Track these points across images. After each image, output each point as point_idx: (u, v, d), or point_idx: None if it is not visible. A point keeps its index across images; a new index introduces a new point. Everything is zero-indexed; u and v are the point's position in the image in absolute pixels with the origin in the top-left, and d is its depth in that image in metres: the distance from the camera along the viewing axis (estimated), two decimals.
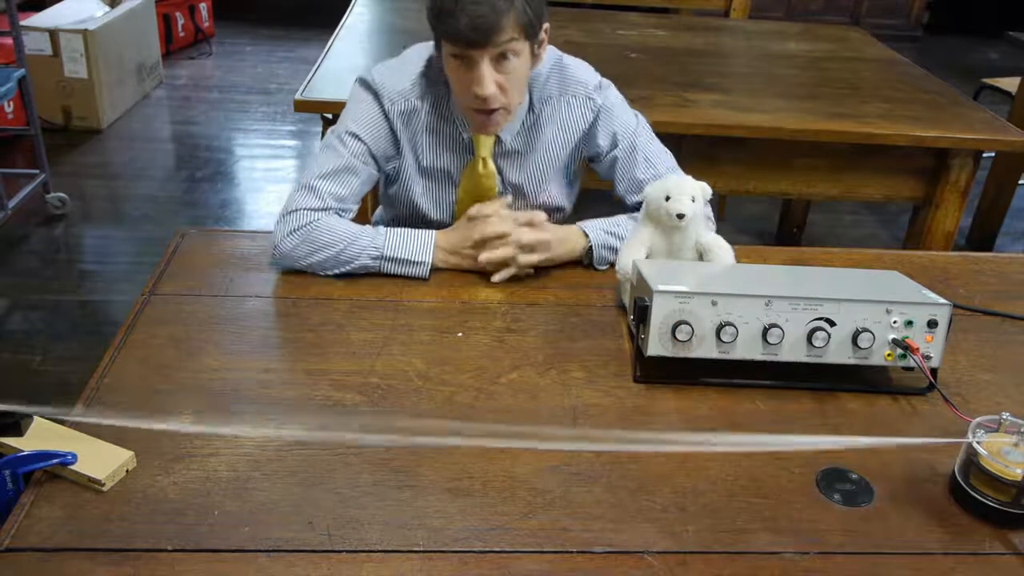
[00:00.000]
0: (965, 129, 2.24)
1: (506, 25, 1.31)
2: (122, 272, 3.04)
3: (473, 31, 1.30)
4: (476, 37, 1.31)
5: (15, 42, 3.14)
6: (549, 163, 1.56)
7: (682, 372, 1.24)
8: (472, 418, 1.15)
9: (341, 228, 1.44)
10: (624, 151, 1.55)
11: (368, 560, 0.92)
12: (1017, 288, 1.59)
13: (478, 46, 1.32)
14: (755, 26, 3.29)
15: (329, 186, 1.46)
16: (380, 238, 1.45)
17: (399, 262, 1.45)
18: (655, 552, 0.96)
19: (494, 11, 1.29)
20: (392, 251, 1.44)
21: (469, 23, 1.29)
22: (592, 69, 1.57)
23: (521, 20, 1.33)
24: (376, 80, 1.48)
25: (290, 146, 4.18)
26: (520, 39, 1.35)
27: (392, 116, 1.48)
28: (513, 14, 1.31)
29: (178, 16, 5.15)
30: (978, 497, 1.03)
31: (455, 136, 1.52)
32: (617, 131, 1.55)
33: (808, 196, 2.48)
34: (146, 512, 0.96)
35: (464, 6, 1.29)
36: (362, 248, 1.43)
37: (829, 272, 1.43)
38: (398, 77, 1.49)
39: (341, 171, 1.47)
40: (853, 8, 6.43)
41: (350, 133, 1.48)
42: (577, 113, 1.53)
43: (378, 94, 1.48)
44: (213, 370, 1.21)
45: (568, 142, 1.55)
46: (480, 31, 1.30)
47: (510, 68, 1.37)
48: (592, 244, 1.50)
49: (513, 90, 1.40)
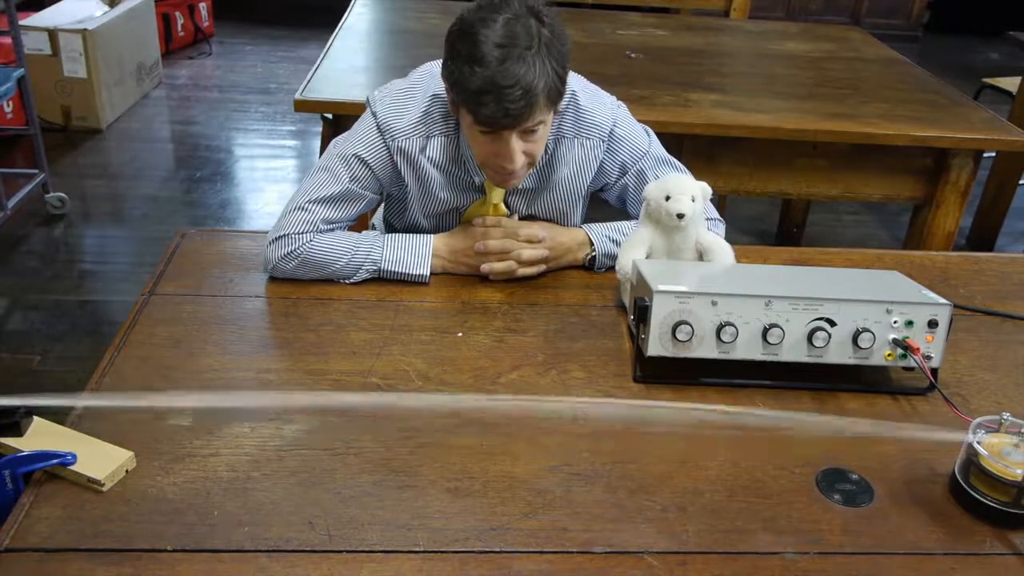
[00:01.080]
0: (965, 129, 2.23)
1: (538, 105, 1.26)
2: (122, 272, 3.03)
3: (507, 118, 1.25)
4: (508, 123, 1.26)
5: (14, 42, 3.14)
6: (562, 199, 1.53)
7: (682, 372, 1.24)
8: (472, 418, 1.15)
9: (336, 243, 1.41)
10: (633, 178, 1.52)
11: (368, 560, 0.92)
12: (1017, 288, 1.59)
13: (509, 128, 1.28)
14: (755, 26, 3.29)
15: (323, 211, 1.42)
16: (377, 250, 1.42)
17: (398, 273, 1.43)
18: (655, 552, 0.96)
19: (527, 94, 1.23)
20: (390, 264, 1.43)
21: (502, 111, 1.24)
22: (605, 102, 1.51)
23: (551, 96, 1.28)
24: (379, 114, 1.42)
25: (290, 146, 4.18)
26: (548, 111, 1.31)
27: (394, 152, 1.43)
28: (544, 93, 1.25)
29: (178, 16, 5.15)
30: (978, 497, 1.02)
31: (465, 179, 1.47)
32: (626, 160, 1.51)
33: (808, 196, 2.48)
34: (146, 512, 0.96)
35: (497, 92, 1.22)
36: (359, 263, 1.42)
37: (829, 272, 1.43)
38: (403, 113, 1.42)
39: (338, 198, 1.42)
40: (853, 8, 6.43)
41: (356, 156, 1.42)
42: (592, 155, 1.49)
43: (381, 129, 1.42)
44: (213, 370, 1.21)
45: (582, 181, 1.51)
46: (513, 117, 1.25)
47: (537, 137, 1.33)
48: (596, 253, 1.50)
49: (538, 152, 1.36)
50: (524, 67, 1.23)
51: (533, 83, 1.23)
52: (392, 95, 1.44)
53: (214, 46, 5.34)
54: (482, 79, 1.23)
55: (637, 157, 1.51)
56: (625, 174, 1.52)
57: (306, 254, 1.40)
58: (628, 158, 1.51)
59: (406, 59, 2.50)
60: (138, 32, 4.46)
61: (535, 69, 1.24)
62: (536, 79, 1.24)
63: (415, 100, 1.43)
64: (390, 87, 1.46)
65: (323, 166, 1.45)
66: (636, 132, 1.52)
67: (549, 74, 1.26)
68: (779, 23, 3.45)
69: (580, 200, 1.56)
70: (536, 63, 1.24)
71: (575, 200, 1.54)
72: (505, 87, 1.22)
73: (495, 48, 1.23)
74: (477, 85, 1.23)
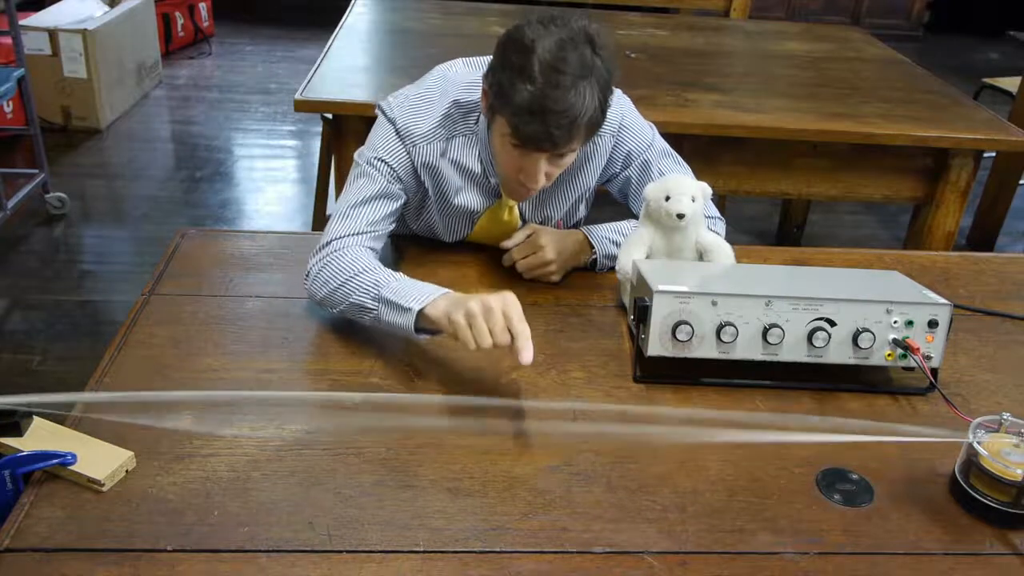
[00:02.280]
0: (965, 129, 2.23)
1: (579, 134, 1.26)
2: (122, 272, 3.03)
3: (547, 142, 1.24)
4: (547, 147, 1.26)
5: (14, 42, 3.14)
6: (571, 195, 1.53)
7: (682, 372, 1.24)
8: (472, 418, 1.15)
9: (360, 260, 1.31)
10: (636, 170, 1.52)
11: (368, 560, 0.92)
12: (1017, 288, 1.59)
13: (545, 151, 1.27)
14: (755, 26, 3.29)
15: (366, 213, 1.39)
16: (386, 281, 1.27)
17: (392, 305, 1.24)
18: (655, 552, 0.96)
19: (572, 124, 1.22)
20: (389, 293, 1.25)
21: (546, 134, 1.23)
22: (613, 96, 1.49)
23: (592, 128, 1.28)
24: (397, 120, 1.40)
25: (290, 146, 4.18)
26: (582, 142, 1.31)
27: (414, 158, 1.41)
28: (588, 123, 1.25)
29: (178, 16, 5.15)
30: (978, 497, 1.03)
31: (482, 181, 1.46)
32: (632, 150, 1.51)
33: (808, 196, 2.48)
34: (146, 512, 0.96)
35: (544, 115, 1.21)
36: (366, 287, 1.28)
37: (829, 272, 1.43)
38: (421, 119, 1.41)
39: (377, 196, 1.40)
40: (853, 8, 6.43)
41: (380, 159, 1.41)
42: (601, 150, 1.49)
43: (400, 134, 1.40)
44: (213, 370, 1.21)
45: (591, 176, 1.52)
46: (554, 143, 1.25)
47: (565, 162, 1.33)
48: (596, 256, 1.50)
49: (559, 174, 1.37)
50: (575, 95, 1.21)
51: (580, 114, 1.22)
52: (410, 101, 1.43)
53: (214, 46, 5.34)
54: (531, 97, 1.21)
55: (642, 148, 1.51)
56: (629, 165, 1.52)
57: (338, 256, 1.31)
58: (634, 148, 1.51)
59: (406, 59, 2.50)
60: (138, 32, 4.46)
61: (584, 100, 1.22)
62: (583, 110, 1.22)
63: (434, 105, 1.42)
64: (405, 93, 1.45)
65: (356, 175, 1.42)
66: (641, 123, 1.53)
67: (596, 106, 1.24)
68: (779, 23, 3.45)
69: (587, 194, 1.56)
70: (586, 93, 1.22)
71: (583, 195, 1.55)
72: (554, 111, 1.21)
73: (549, 69, 1.21)
74: (525, 102, 1.21)
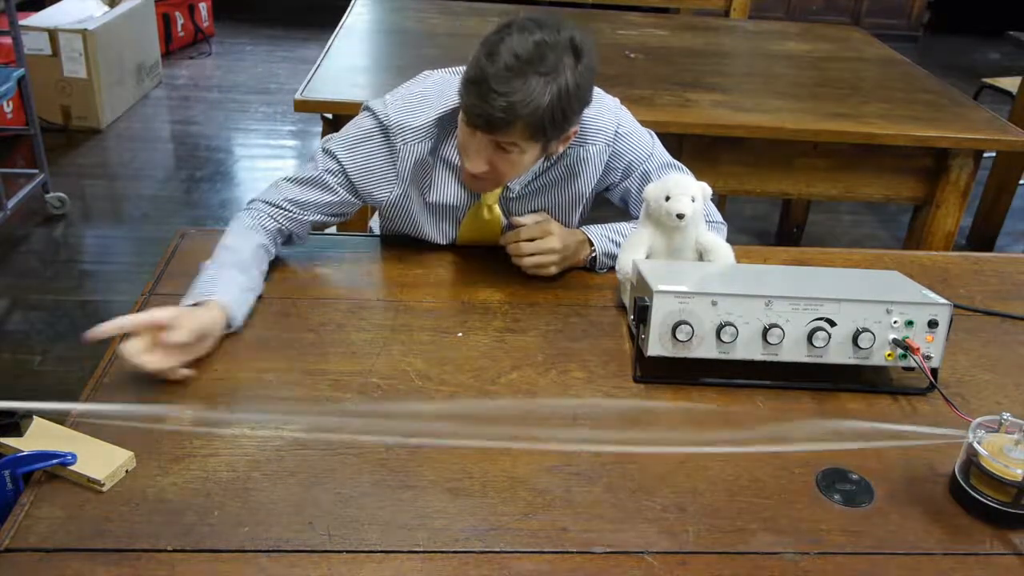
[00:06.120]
0: (965, 129, 2.23)
1: (515, 129, 1.24)
2: (122, 272, 3.03)
3: (479, 118, 1.24)
4: (479, 124, 1.26)
5: (14, 42, 3.14)
6: (565, 206, 1.53)
7: (682, 372, 1.24)
8: (472, 418, 1.15)
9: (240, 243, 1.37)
10: (637, 181, 1.51)
11: (368, 560, 0.92)
12: (1017, 288, 1.59)
13: (480, 130, 1.27)
14: (755, 26, 3.29)
15: (291, 189, 1.43)
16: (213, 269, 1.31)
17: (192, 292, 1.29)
18: (655, 552, 0.96)
19: (508, 109, 1.21)
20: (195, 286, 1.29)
21: (480, 110, 1.23)
22: (608, 105, 1.49)
23: (535, 128, 1.25)
24: (392, 116, 1.41)
25: (290, 146, 4.18)
26: (526, 141, 1.28)
27: (404, 154, 1.42)
28: (530, 120, 1.23)
29: (178, 16, 5.15)
30: (978, 497, 1.02)
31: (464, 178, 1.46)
32: (632, 161, 1.50)
33: (808, 196, 2.48)
34: (146, 512, 0.96)
35: (486, 92, 1.21)
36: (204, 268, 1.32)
37: (829, 272, 1.43)
38: (417, 114, 1.41)
39: (310, 183, 1.43)
40: (853, 8, 6.44)
41: (331, 153, 1.43)
42: (596, 160, 1.48)
43: (390, 130, 1.41)
44: (213, 370, 1.21)
45: (586, 186, 1.51)
46: (486, 122, 1.24)
47: (511, 158, 1.31)
48: (596, 253, 1.50)
49: (508, 173, 1.35)
50: (522, 84, 1.21)
51: (521, 102, 1.21)
52: (405, 99, 1.43)
53: (214, 46, 5.34)
54: (481, 73, 1.22)
55: (642, 159, 1.51)
56: (629, 176, 1.52)
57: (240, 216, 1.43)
58: (634, 158, 1.50)
59: (406, 59, 2.50)
60: (138, 32, 4.46)
61: (532, 93, 1.21)
62: (527, 101, 1.21)
63: (428, 102, 1.42)
64: (400, 93, 1.45)
65: (311, 155, 1.48)
66: (640, 132, 1.52)
67: (543, 108, 1.22)
68: (779, 23, 3.45)
69: (582, 204, 1.56)
70: (537, 90, 1.21)
71: (576, 205, 1.54)
72: (495, 91, 1.21)
73: (511, 56, 1.21)
74: (475, 75, 1.24)
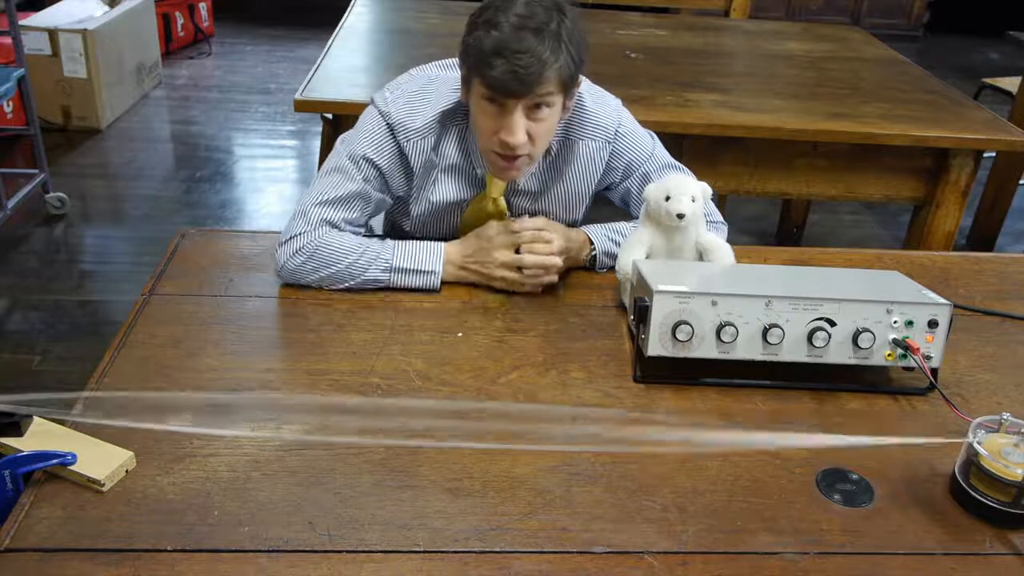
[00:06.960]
0: (965, 129, 2.23)
1: (549, 78, 1.27)
2: (122, 272, 3.03)
3: (515, 81, 1.25)
4: (516, 88, 1.26)
5: (14, 42, 3.14)
6: (566, 201, 1.53)
7: (682, 372, 1.24)
8: (472, 418, 1.15)
9: (346, 241, 1.40)
10: (637, 181, 1.52)
11: (368, 560, 0.92)
12: (1017, 288, 1.59)
13: (516, 95, 1.28)
14: (755, 26, 3.29)
15: (335, 212, 1.41)
16: (388, 250, 1.41)
17: (409, 273, 1.42)
18: (655, 552, 0.96)
19: (539, 62, 1.25)
20: (401, 260, 1.42)
21: (512, 73, 1.24)
22: (610, 103, 1.51)
23: (563, 75, 1.29)
24: (392, 114, 1.41)
25: (290, 146, 4.18)
26: (557, 92, 1.31)
27: (408, 152, 1.42)
28: (557, 68, 1.27)
29: (177, 16, 5.15)
30: (978, 497, 1.03)
31: (469, 171, 1.47)
32: (632, 160, 1.51)
33: (808, 196, 2.48)
34: (146, 512, 0.96)
35: (509, 55, 1.24)
36: (370, 261, 1.40)
37: (829, 272, 1.43)
38: (416, 111, 1.42)
39: (352, 197, 1.42)
40: (853, 8, 6.43)
41: (365, 158, 1.42)
42: (597, 156, 1.49)
43: (394, 129, 1.41)
44: (213, 370, 1.21)
45: (587, 182, 1.52)
46: (522, 82, 1.25)
47: (542, 117, 1.32)
48: (596, 252, 1.50)
49: (541, 139, 1.36)
50: (538, 40, 1.25)
51: (545, 56, 1.25)
52: (405, 97, 1.43)
53: (214, 46, 5.34)
54: (496, 41, 1.25)
55: (643, 159, 1.51)
56: (630, 176, 1.53)
57: (315, 248, 1.38)
58: (634, 158, 1.51)
59: (406, 59, 2.50)
60: (138, 32, 4.46)
61: (548, 45, 1.26)
62: (548, 54, 1.26)
63: (426, 98, 1.43)
64: (400, 89, 1.45)
65: (334, 167, 1.43)
66: (640, 133, 1.53)
67: (563, 56, 1.27)
68: (779, 23, 3.45)
69: (584, 202, 1.56)
70: (550, 41, 1.26)
71: (579, 202, 1.55)
72: (517, 51, 1.24)
73: (516, 18, 1.26)
74: (490, 47, 1.25)
